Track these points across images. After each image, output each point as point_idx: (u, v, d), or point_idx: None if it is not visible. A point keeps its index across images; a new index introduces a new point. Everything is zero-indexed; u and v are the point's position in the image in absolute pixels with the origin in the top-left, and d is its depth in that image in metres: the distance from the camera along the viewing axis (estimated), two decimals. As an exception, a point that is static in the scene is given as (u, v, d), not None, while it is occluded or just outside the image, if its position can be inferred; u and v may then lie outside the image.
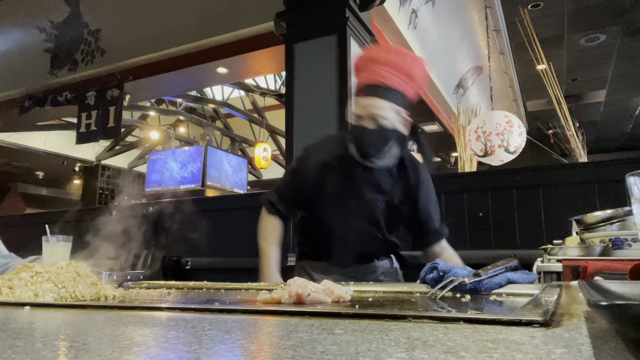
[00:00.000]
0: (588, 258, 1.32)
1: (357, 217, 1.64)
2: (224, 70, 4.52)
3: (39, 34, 5.22)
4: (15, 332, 0.56)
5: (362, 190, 1.63)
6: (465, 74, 6.96)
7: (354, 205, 1.64)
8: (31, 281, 0.96)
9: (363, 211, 1.64)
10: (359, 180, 1.63)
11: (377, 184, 1.63)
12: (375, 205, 1.64)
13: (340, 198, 1.63)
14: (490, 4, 5.57)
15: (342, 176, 1.64)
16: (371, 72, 1.55)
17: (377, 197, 1.63)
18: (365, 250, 1.69)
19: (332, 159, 1.67)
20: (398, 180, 1.65)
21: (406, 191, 1.66)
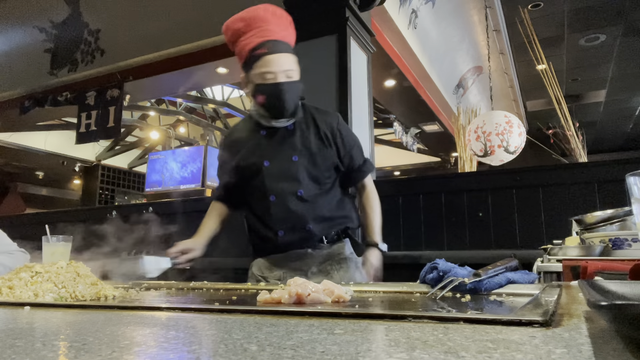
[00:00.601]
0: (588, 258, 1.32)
1: (277, 179, 1.64)
2: (224, 70, 4.52)
3: (39, 34, 5.21)
4: (15, 332, 0.56)
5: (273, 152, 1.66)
6: (465, 74, 6.96)
7: (271, 169, 1.65)
8: (31, 281, 0.96)
9: (279, 170, 1.64)
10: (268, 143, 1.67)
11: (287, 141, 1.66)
12: (291, 161, 1.64)
13: (256, 165, 1.66)
14: (490, 4, 5.57)
15: (252, 145, 1.69)
16: (247, 38, 1.60)
17: (289, 153, 1.65)
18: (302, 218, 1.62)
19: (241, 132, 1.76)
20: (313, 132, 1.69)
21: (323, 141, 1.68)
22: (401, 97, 6.00)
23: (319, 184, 1.66)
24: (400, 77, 5.30)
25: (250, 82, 1.61)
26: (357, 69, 3.35)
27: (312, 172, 1.65)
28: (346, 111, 3.09)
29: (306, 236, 1.64)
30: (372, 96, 3.59)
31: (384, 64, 4.91)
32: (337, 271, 1.65)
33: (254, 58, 1.58)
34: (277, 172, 1.64)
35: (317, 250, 1.66)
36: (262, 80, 1.58)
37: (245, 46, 1.60)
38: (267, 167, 1.65)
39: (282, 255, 1.68)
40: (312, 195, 1.64)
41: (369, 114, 3.45)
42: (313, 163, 1.65)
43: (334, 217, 1.69)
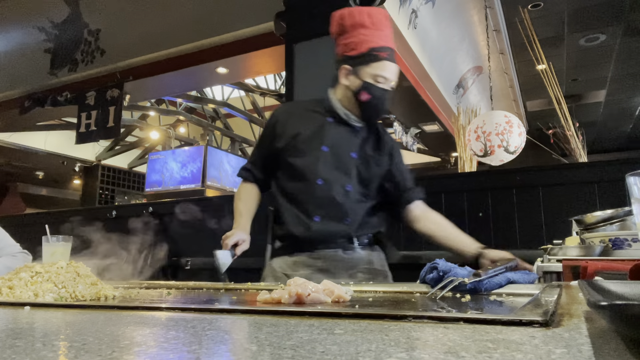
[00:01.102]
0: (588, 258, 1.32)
1: (330, 167, 1.63)
2: (224, 70, 4.52)
3: (39, 34, 5.22)
4: (15, 332, 0.56)
5: (334, 141, 1.65)
6: (465, 74, 6.96)
7: (328, 156, 1.64)
8: (31, 281, 0.96)
9: (335, 160, 1.64)
10: (331, 131, 1.66)
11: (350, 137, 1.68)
12: (348, 155, 1.65)
13: (314, 147, 1.65)
14: (490, 4, 5.57)
15: (315, 127, 1.68)
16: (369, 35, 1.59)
17: (349, 149, 1.66)
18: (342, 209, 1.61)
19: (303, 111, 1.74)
20: (374, 140, 1.71)
21: (381, 152, 1.71)
22: (401, 97, 5.99)
23: (366, 188, 1.67)
24: (400, 77, 5.26)
25: (358, 76, 1.61)
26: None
27: (363, 174, 1.66)
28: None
29: (340, 230, 1.61)
30: (372, 96, 3.58)
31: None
32: (367, 281, 1.59)
33: (372, 57, 1.59)
34: (332, 160, 1.64)
35: (348, 253, 1.64)
36: (372, 80, 1.59)
37: (365, 42, 1.60)
38: (324, 153, 1.64)
39: (311, 254, 1.63)
40: (356, 194, 1.65)
41: (369, 114, 3.45)
42: (367, 166, 1.67)
43: (370, 222, 1.69)
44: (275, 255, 1.71)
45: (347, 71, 1.63)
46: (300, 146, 1.66)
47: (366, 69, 1.59)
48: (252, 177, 1.79)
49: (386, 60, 1.59)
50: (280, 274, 1.64)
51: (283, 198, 1.69)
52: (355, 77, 1.62)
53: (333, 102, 1.70)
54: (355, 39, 1.61)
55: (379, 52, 1.59)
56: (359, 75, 1.61)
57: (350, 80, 1.63)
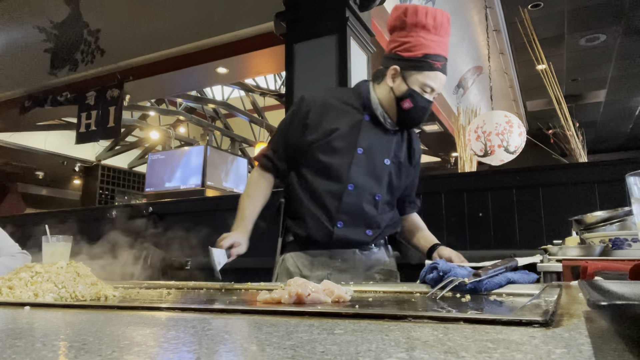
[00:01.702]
0: (588, 258, 1.32)
1: (363, 172, 1.56)
2: (224, 70, 4.52)
3: (39, 34, 5.21)
4: (15, 332, 0.56)
5: (369, 143, 1.57)
6: (465, 74, 6.96)
7: (362, 160, 1.56)
8: (31, 281, 0.96)
9: (369, 164, 1.57)
10: (367, 131, 1.58)
11: (384, 141, 1.61)
12: (382, 162, 1.59)
13: (349, 147, 1.56)
14: (490, 4, 5.57)
15: (351, 123, 1.58)
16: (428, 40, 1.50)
17: (383, 155, 1.59)
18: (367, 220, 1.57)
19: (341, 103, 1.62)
20: (406, 148, 1.67)
21: (411, 160, 1.68)
22: (401, 97, 5.98)
23: (392, 197, 1.64)
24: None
25: (406, 81, 1.52)
26: (357, 69, 3.35)
27: (393, 183, 1.62)
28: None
29: (360, 240, 1.58)
30: (372, 96, 3.58)
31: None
32: (383, 281, 1.59)
33: (426, 65, 1.50)
34: (366, 165, 1.57)
35: (365, 253, 1.60)
36: (420, 89, 1.52)
37: (423, 46, 1.50)
38: (359, 155, 1.56)
39: (328, 253, 1.57)
40: (384, 204, 1.61)
41: (369, 114, 3.45)
42: (398, 175, 1.63)
43: (388, 228, 1.67)
44: (288, 250, 1.63)
45: (395, 72, 1.54)
46: (335, 144, 1.56)
47: (416, 76, 1.51)
48: (272, 166, 1.66)
49: (439, 71, 1.51)
50: (296, 274, 1.57)
51: (305, 195, 1.59)
52: (402, 81, 1.53)
53: (372, 99, 1.60)
54: (412, 39, 1.51)
55: (434, 60, 1.50)
56: (407, 81, 1.52)
57: (397, 84, 1.54)
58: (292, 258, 1.61)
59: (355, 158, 1.55)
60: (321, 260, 1.57)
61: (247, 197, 1.64)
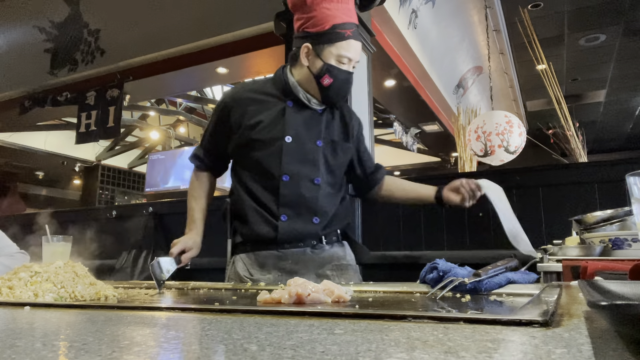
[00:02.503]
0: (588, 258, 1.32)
1: (295, 160, 1.50)
2: (224, 70, 4.52)
3: (39, 34, 5.21)
4: (15, 332, 0.56)
5: (296, 129, 1.52)
6: (465, 74, 6.96)
7: (292, 147, 1.50)
8: (31, 281, 0.96)
9: (300, 151, 1.51)
10: (292, 118, 1.53)
11: (313, 123, 1.55)
12: (314, 144, 1.53)
13: (276, 138, 1.51)
14: (490, 4, 5.57)
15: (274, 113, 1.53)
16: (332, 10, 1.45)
17: (314, 137, 1.53)
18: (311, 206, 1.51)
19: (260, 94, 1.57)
20: (339, 124, 1.60)
21: (347, 136, 1.61)
22: (401, 97, 5.99)
23: (334, 177, 1.58)
24: (400, 77, 5.30)
25: (320, 57, 1.47)
26: (357, 69, 3.33)
27: (331, 163, 1.56)
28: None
29: (308, 230, 1.52)
30: (372, 96, 3.59)
31: (384, 64, 4.91)
32: (337, 277, 1.55)
33: (336, 36, 1.44)
34: (296, 151, 1.51)
35: (316, 251, 1.54)
36: (336, 62, 1.47)
37: (329, 17, 1.44)
38: (287, 143, 1.50)
39: (277, 254, 1.52)
40: (326, 186, 1.54)
41: (369, 114, 3.45)
42: (334, 154, 1.56)
43: (338, 215, 1.60)
44: (238, 252, 1.60)
45: (308, 50, 1.49)
46: (261, 137, 1.52)
47: (329, 49, 1.46)
48: (204, 166, 1.67)
49: (351, 39, 1.46)
50: (244, 277, 1.54)
51: (245, 194, 1.56)
52: (316, 58, 1.47)
53: (291, 83, 1.55)
54: (317, 13, 1.45)
55: (343, 29, 1.45)
56: (321, 56, 1.47)
57: (311, 61, 1.49)
58: (241, 260, 1.58)
59: (285, 147, 1.50)
60: (270, 261, 1.53)
61: (192, 198, 1.65)
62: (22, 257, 1.82)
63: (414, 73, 5.52)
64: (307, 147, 1.52)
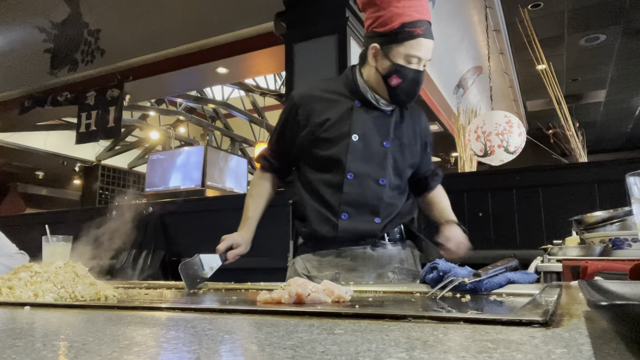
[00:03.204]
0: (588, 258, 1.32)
1: (361, 158, 1.48)
2: (224, 70, 4.52)
3: (39, 34, 5.22)
4: (15, 332, 0.56)
5: (364, 128, 1.49)
6: (465, 74, 6.96)
7: (358, 146, 1.48)
8: (31, 281, 0.96)
9: (366, 150, 1.48)
10: (360, 117, 1.50)
11: (382, 123, 1.51)
12: (381, 145, 1.50)
13: (342, 136, 1.49)
14: (490, 4, 5.57)
15: (342, 111, 1.51)
16: (402, 7, 1.40)
17: (381, 137, 1.50)
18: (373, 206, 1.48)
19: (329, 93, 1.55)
20: (408, 125, 1.56)
21: (415, 138, 1.57)
22: (401, 97, 5.99)
23: (401, 179, 1.54)
24: (400, 77, 5.29)
25: (388, 57, 1.42)
26: (357, 69, 3.34)
27: (398, 165, 1.52)
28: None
29: (369, 229, 1.48)
30: (372, 96, 3.58)
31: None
32: (397, 281, 1.49)
33: (406, 35, 1.39)
34: (363, 150, 1.48)
35: (377, 250, 1.51)
36: (405, 61, 1.41)
37: (398, 15, 1.39)
38: (354, 142, 1.47)
39: (336, 252, 1.50)
40: (391, 187, 1.50)
41: (369, 114, 3.45)
42: (401, 156, 1.52)
43: (401, 213, 1.55)
44: (299, 253, 1.59)
45: (375, 50, 1.44)
46: (327, 135, 1.50)
47: (398, 49, 1.40)
48: (270, 166, 1.64)
49: (421, 38, 1.40)
50: (304, 275, 1.51)
51: (306, 192, 1.54)
52: (384, 58, 1.43)
53: (360, 83, 1.52)
54: (385, 12, 1.41)
55: (414, 27, 1.39)
56: (389, 56, 1.42)
57: (379, 62, 1.45)
58: (301, 260, 1.57)
59: (350, 146, 1.47)
60: (329, 259, 1.51)
61: (250, 197, 1.63)
62: (21, 258, 1.82)
63: (414, 73, 5.51)
64: (374, 147, 1.50)
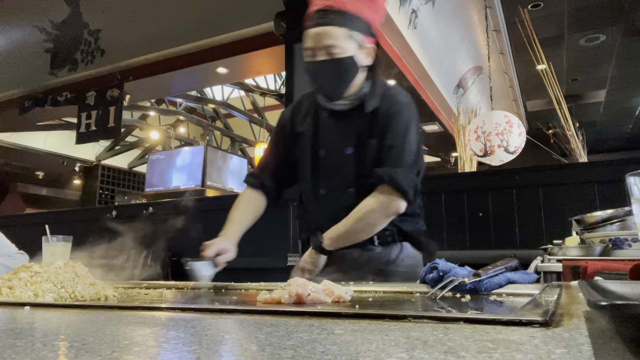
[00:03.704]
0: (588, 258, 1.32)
1: (330, 172, 1.44)
2: (224, 70, 4.52)
3: (39, 34, 5.21)
4: (15, 332, 0.56)
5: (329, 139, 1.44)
6: (465, 74, 6.96)
7: (326, 160, 1.44)
8: (31, 281, 0.96)
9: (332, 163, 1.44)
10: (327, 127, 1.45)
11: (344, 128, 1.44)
12: (344, 154, 1.43)
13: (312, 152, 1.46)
14: (490, 4, 5.56)
15: (312, 126, 1.48)
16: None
17: (344, 144, 1.43)
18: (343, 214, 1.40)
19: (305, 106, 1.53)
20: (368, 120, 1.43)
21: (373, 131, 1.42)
22: (401, 97, 5.98)
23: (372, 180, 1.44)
24: (400, 77, 5.30)
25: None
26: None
27: (365, 169, 1.41)
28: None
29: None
30: (372, 96, 3.58)
31: (384, 64, 4.91)
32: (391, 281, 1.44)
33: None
34: (330, 163, 1.45)
35: (367, 253, 1.46)
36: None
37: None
38: (322, 157, 1.46)
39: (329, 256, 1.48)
40: (366, 193, 1.40)
41: (369, 114, 3.45)
42: (366, 158, 1.42)
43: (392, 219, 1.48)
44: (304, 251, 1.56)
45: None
46: (300, 152, 1.49)
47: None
48: (258, 184, 1.57)
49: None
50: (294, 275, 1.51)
51: (299, 204, 1.57)
52: None
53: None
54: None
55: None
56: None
57: None
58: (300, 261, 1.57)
59: (320, 161, 1.46)
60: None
61: (235, 207, 1.56)
62: (21, 258, 1.82)
63: (414, 73, 5.52)
64: (339, 157, 1.45)
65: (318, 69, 1.37)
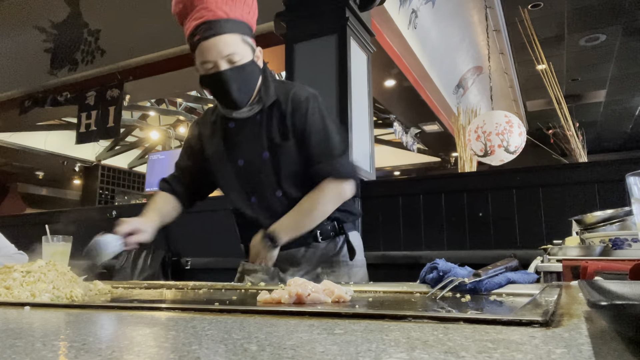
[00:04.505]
0: (588, 258, 1.32)
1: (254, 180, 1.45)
2: (224, 70, 4.51)
3: (39, 34, 5.21)
4: (15, 332, 0.56)
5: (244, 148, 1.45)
6: (465, 74, 6.96)
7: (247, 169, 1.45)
8: (26, 281, 0.96)
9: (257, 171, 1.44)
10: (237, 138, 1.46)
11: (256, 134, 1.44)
12: (261, 159, 1.43)
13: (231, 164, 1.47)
14: (490, 4, 5.57)
15: (221, 139, 1.49)
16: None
17: (259, 150, 1.43)
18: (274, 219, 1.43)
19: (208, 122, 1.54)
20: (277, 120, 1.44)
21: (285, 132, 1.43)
22: (401, 97, 6.00)
23: (294, 179, 1.45)
24: (400, 77, 5.30)
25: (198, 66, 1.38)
26: (357, 69, 3.35)
27: (289, 168, 1.43)
28: (346, 111, 3.09)
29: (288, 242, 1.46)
30: (372, 96, 3.59)
31: (384, 64, 4.91)
32: (327, 276, 1.48)
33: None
34: (252, 171, 1.46)
35: (310, 250, 1.50)
36: (203, 71, 1.37)
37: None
38: (242, 167, 1.47)
39: None
40: (292, 193, 1.44)
41: (369, 114, 3.45)
42: (286, 158, 1.43)
43: None
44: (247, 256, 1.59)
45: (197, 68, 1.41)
46: (217, 168, 1.50)
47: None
48: (171, 190, 1.59)
49: (200, 43, 1.32)
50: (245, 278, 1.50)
51: (234, 211, 1.55)
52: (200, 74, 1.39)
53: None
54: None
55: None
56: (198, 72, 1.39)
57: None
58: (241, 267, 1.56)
59: (242, 171, 1.47)
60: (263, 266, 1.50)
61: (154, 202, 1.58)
62: (20, 258, 1.82)
63: (414, 73, 5.52)
64: (259, 164, 1.45)
65: (223, 79, 1.35)
